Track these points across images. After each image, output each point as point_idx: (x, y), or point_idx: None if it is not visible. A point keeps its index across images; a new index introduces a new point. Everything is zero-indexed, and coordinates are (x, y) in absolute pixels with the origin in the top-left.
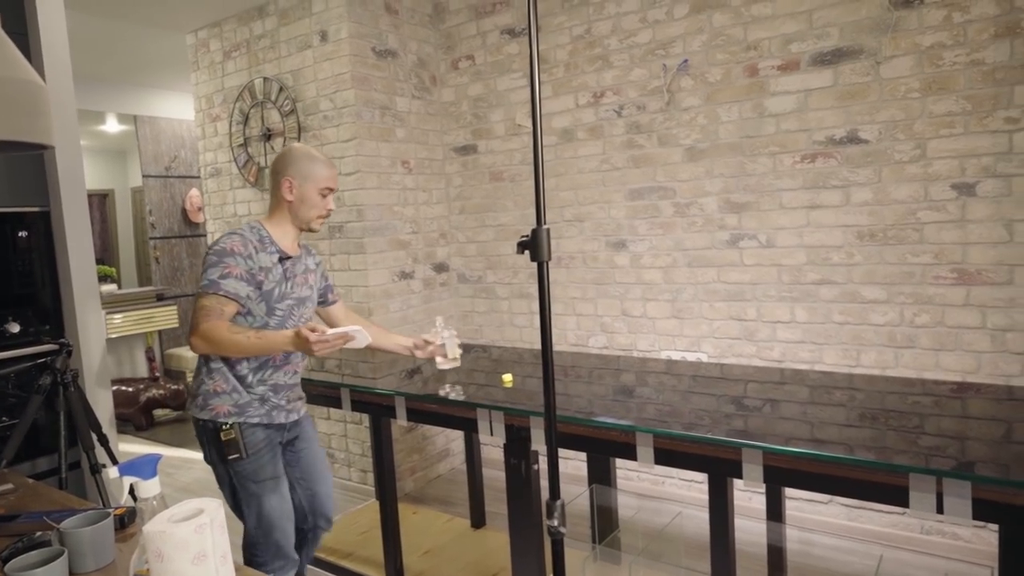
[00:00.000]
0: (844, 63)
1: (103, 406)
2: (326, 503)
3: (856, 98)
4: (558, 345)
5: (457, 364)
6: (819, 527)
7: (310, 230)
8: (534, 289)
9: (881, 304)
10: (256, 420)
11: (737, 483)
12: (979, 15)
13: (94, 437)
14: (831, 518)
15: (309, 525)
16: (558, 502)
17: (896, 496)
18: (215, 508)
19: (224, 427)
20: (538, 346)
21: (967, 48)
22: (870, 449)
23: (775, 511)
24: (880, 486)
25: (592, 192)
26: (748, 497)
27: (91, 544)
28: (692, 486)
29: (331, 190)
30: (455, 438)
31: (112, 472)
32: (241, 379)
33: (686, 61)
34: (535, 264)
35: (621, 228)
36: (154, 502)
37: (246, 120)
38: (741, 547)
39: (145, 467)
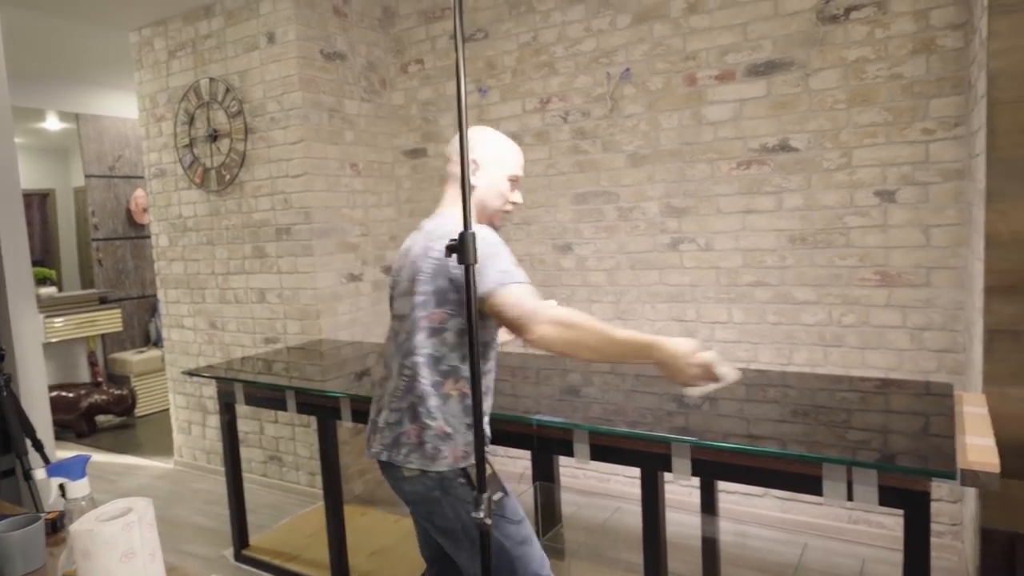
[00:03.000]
0: (776, 74)
1: (39, 411)
2: None
3: (787, 108)
4: (506, 347)
5: None
6: (754, 519)
7: (491, 226)
8: None
9: (811, 305)
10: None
11: (674, 478)
12: (898, 32)
13: (28, 443)
14: (766, 511)
15: None
16: (484, 495)
17: (812, 485)
18: (144, 506)
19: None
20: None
21: (888, 63)
22: (797, 443)
23: (709, 504)
24: (798, 476)
25: (539, 196)
26: (688, 492)
27: (21, 548)
28: (635, 483)
29: (519, 179)
30: None
31: (40, 473)
32: (462, 417)
33: (628, 70)
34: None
35: (567, 231)
36: (83, 502)
37: (191, 121)
38: (679, 540)
39: (74, 468)
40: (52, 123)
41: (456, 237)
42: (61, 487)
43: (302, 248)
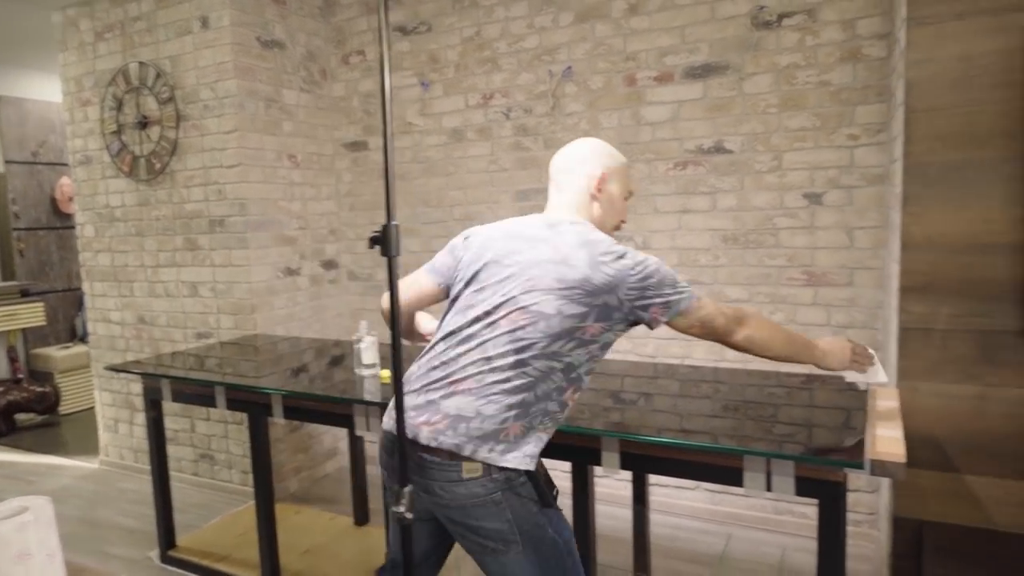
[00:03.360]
0: (712, 77)
1: None
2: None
3: (722, 111)
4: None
5: (375, 372)
6: (686, 512)
7: None
8: None
9: (743, 303)
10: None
11: (604, 471)
12: (827, 40)
13: None
14: (697, 503)
15: None
16: (405, 489)
17: (734, 477)
18: (41, 506)
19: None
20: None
21: (817, 70)
22: (725, 436)
23: (640, 497)
24: (722, 468)
25: (481, 192)
26: (623, 486)
27: None
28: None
29: (632, 194)
30: (343, 437)
31: None
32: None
33: (570, 68)
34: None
35: None
36: None
37: (120, 106)
38: (613, 533)
39: None
40: None
41: (379, 230)
42: None
43: (236, 240)
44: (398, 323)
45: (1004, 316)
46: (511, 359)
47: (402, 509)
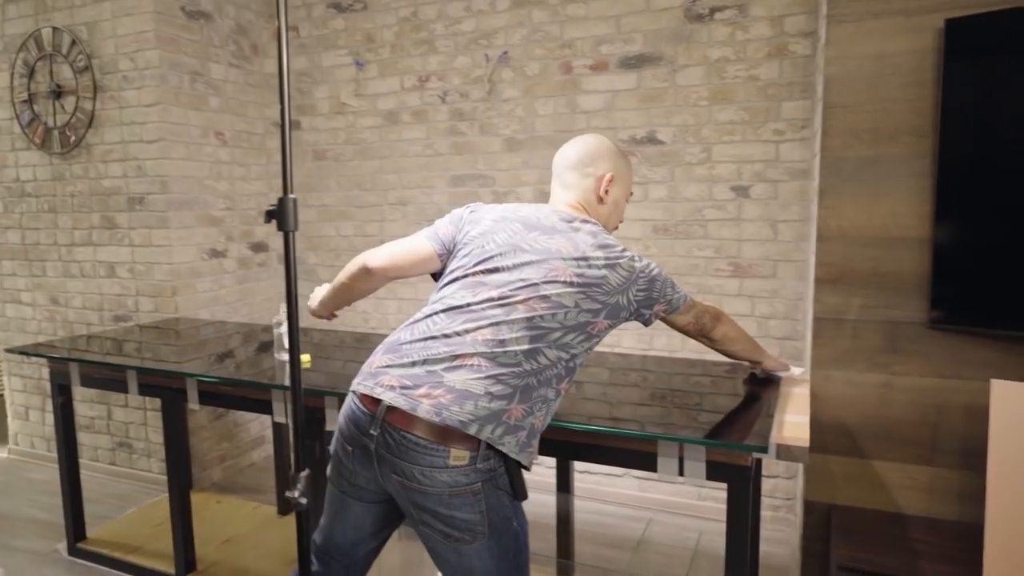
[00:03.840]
0: (646, 68)
1: None
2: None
3: (655, 101)
4: (380, 328)
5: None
6: (614, 499)
7: None
8: None
9: None
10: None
11: (548, 460)
12: (756, 35)
13: None
14: (625, 490)
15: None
16: (301, 474)
17: (648, 462)
18: None
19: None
20: (362, 329)
21: (746, 64)
22: (650, 424)
23: (564, 484)
24: (637, 454)
25: (415, 176)
26: (553, 474)
27: None
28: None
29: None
30: (270, 425)
31: None
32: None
33: (506, 53)
34: (359, 247)
35: (443, 213)
36: None
37: (31, 73)
38: (543, 520)
39: None
40: None
41: (275, 204)
42: None
43: (157, 220)
44: (294, 298)
45: (910, 308)
46: (526, 345)
47: (296, 494)
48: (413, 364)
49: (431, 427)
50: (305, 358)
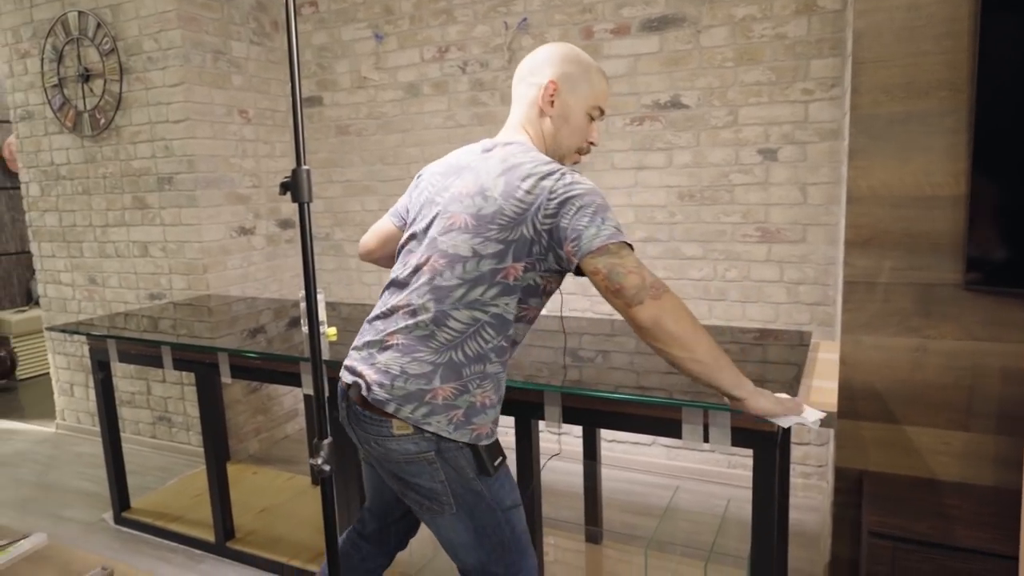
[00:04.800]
0: (669, 30)
1: None
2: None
3: (679, 64)
4: None
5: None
6: (643, 467)
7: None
8: None
9: (698, 260)
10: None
11: (547, 425)
12: None
13: None
14: (654, 459)
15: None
16: (324, 442)
17: (673, 429)
18: None
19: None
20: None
21: (773, 22)
22: (678, 392)
23: (591, 452)
24: (662, 421)
25: (438, 149)
26: (606, 443)
27: None
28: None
29: (602, 113)
30: (304, 398)
31: None
32: (504, 386)
33: (525, 20)
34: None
35: None
36: None
37: (60, 58)
38: (572, 488)
39: None
40: None
41: (289, 176)
42: None
43: (186, 199)
44: (312, 271)
45: (943, 269)
46: (432, 312)
47: (319, 461)
48: (361, 347)
49: (370, 403)
50: (331, 331)
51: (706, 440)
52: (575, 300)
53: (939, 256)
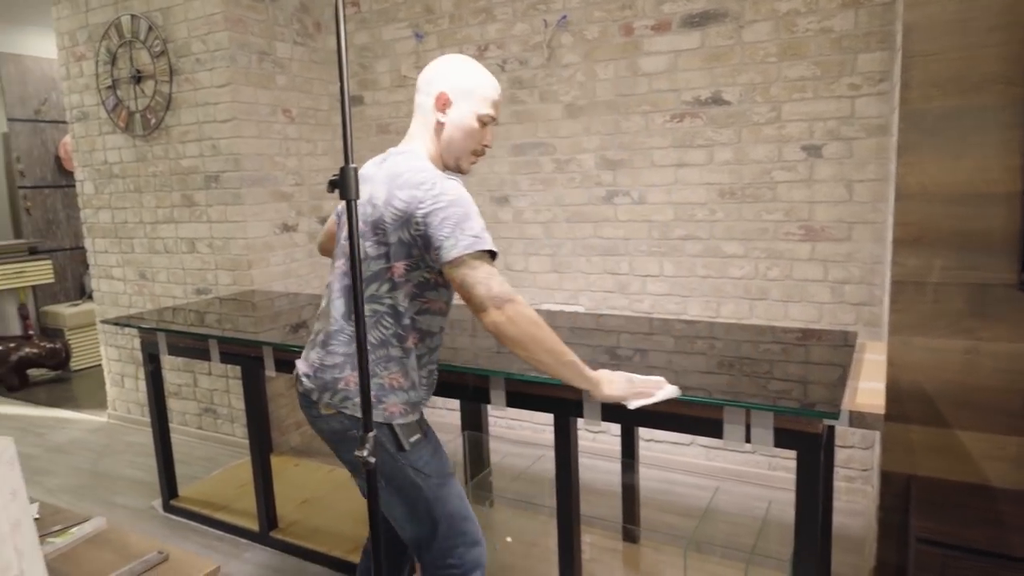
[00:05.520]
0: (711, 26)
1: None
2: None
3: (720, 60)
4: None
5: None
6: (681, 467)
7: (459, 171)
8: None
9: (739, 259)
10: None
11: (586, 423)
12: None
13: None
14: (692, 459)
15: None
16: (371, 434)
17: (714, 429)
18: (3, 446)
19: (399, 425)
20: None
21: (818, 16)
22: (716, 391)
23: (629, 451)
24: (702, 420)
25: None
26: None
27: None
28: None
29: (493, 119)
30: None
31: None
32: (417, 371)
33: (565, 17)
34: None
35: (504, 183)
36: None
37: (114, 60)
38: (609, 488)
39: None
40: None
41: (337, 173)
42: None
43: (232, 196)
44: (359, 268)
45: (998, 269)
46: (341, 307)
47: (365, 453)
48: (306, 345)
49: (302, 392)
50: None
51: (748, 440)
52: (614, 298)
53: (993, 255)
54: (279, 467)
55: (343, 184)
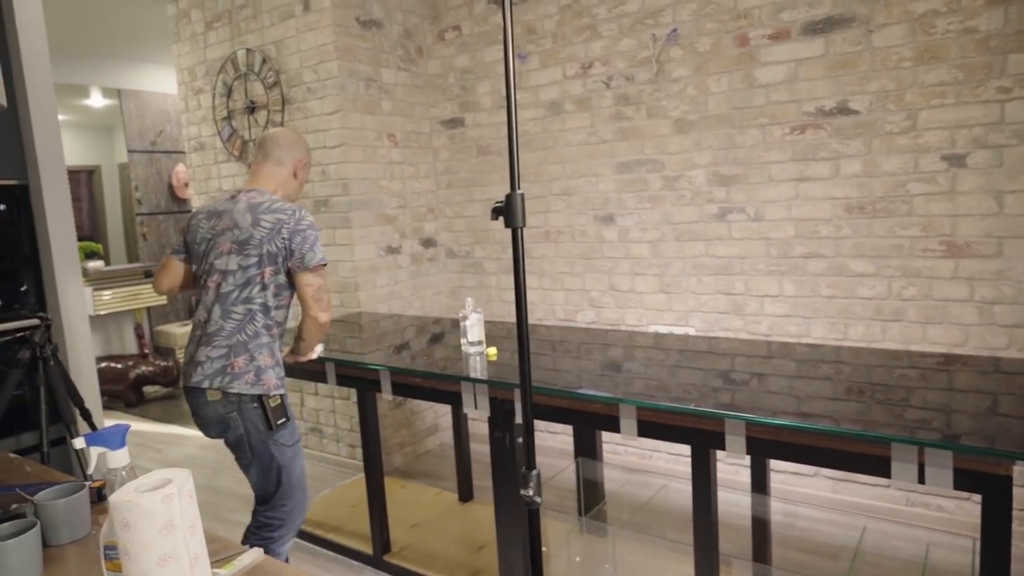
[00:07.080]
0: (836, 32)
1: (87, 381)
2: None
3: (847, 68)
4: (547, 319)
5: (480, 349)
6: (805, 500)
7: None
8: None
9: (869, 277)
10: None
11: (723, 456)
12: None
13: (76, 412)
14: (817, 491)
15: None
16: (533, 472)
17: (878, 467)
18: (183, 478)
19: (271, 397)
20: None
21: (960, 16)
22: (855, 421)
23: (760, 484)
24: (863, 457)
25: (580, 165)
26: (735, 470)
27: (65, 516)
28: (679, 460)
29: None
30: (444, 413)
31: (78, 442)
32: (279, 352)
33: (675, 30)
34: (524, 240)
35: (609, 202)
36: (123, 472)
37: (229, 92)
38: (727, 519)
39: (113, 437)
40: (96, 99)
41: (502, 200)
42: (100, 457)
43: (341, 220)
44: (523, 296)
45: None
46: (220, 310)
47: (530, 492)
48: (191, 347)
49: (191, 386)
50: (491, 350)
51: (921, 481)
52: (727, 319)
53: None
54: (386, 489)
55: (508, 212)
